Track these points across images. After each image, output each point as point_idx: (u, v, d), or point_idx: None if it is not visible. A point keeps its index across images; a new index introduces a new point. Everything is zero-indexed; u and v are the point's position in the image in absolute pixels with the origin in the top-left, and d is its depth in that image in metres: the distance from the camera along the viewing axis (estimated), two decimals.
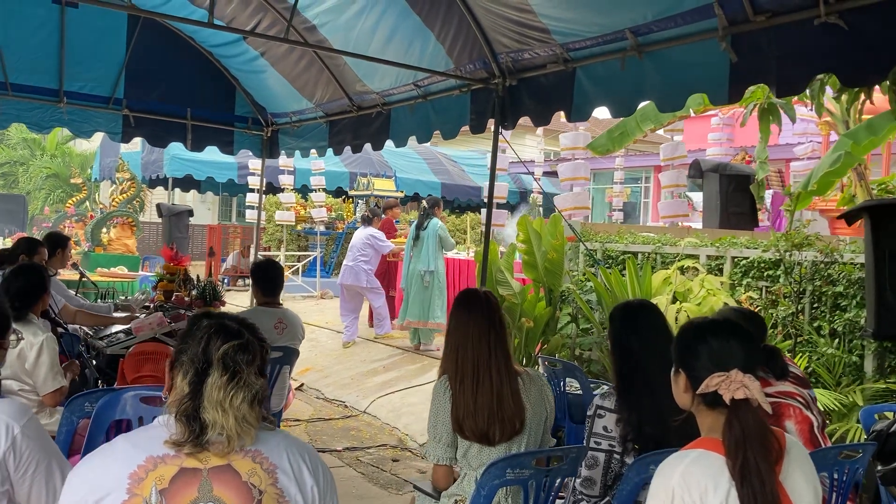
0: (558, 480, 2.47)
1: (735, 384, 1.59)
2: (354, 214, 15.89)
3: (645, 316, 2.66)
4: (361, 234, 9.60)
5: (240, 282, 14.85)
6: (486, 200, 12.59)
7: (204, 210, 25.15)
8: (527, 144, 22.32)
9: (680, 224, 8.96)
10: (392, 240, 10.13)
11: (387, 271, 10.10)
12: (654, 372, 2.49)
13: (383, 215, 10.24)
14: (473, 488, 2.44)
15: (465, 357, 2.68)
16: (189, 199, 23.00)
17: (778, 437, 1.62)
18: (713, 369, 1.67)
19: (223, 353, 1.57)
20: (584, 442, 2.60)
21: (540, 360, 5.32)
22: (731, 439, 1.58)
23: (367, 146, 6.05)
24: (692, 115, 8.43)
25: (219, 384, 1.55)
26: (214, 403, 1.54)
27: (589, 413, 2.62)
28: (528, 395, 2.70)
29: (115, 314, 5.41)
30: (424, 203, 9.25)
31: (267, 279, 4.67)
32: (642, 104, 4.24)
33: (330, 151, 6.86)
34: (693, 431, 1.95)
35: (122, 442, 1.59)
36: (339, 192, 17.39)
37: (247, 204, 14.27)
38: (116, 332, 4.79)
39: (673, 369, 1.82)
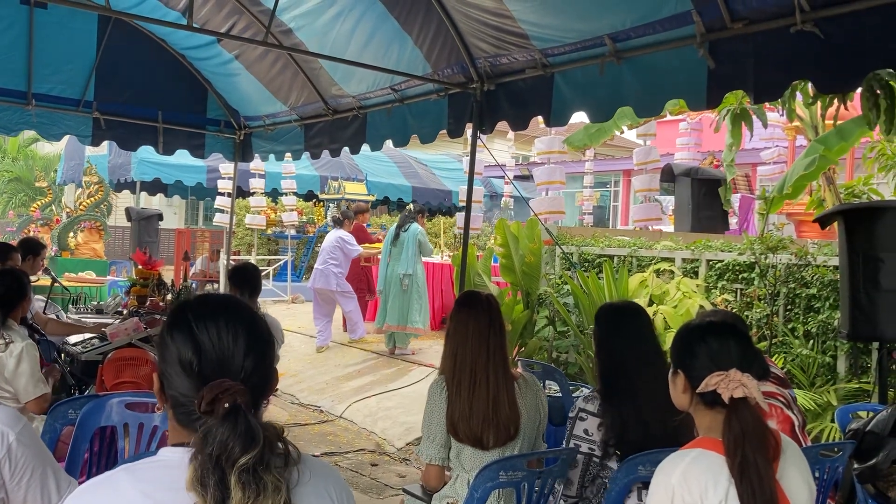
0: (549, 482, 2.51)
1: (734, 383, 1.63)
2: (325, 218, 15.84)
3: (631, 318, 2.69)
4: (332, 236, 9.58)
5: (208, 286, 14.69)
6: (458, 204, 12.68)
7: (170, 214, 24.87)
8: (496, 149, 22.39)
9: (651, 228, 9.08)
10: (364, 244, 10.10)
11: (362, 275, 10.09)
12: (638, 375, 2.53)
13: (354, 219, 10.23)
14: (466, 491, 2.46)
15: (463, 359, 2.70)
16: (156, 202, 22.69)
17: (775, 436, 1.66)
18: (712, 369, 1.71)
19: (240, 472, 1.24)
20: (565, 443, 2.63)
21: (519, 362, 5.36)
22: (730, 437, 1.62)
23: (345, 151, 6.04)
24: (668, 116, 8.54)
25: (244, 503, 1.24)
26: None
27: (571, 415, 2.65)
28: (523, 401, 2.73)
29: (91, 319, 5.34)
30: (410, 207, 9.29)
31: (246, 282, 4.64)
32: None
33: (304, 156, 6.85)
34: (679, 437, 2.00)
35: (129, 489, 1.27)
36: (309, 196, 17.31)
37: (215, 207, 14.14)
38: (91, 338, 4.73)
39: (671, 370, 1.86)
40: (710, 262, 6.23)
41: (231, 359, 1.34)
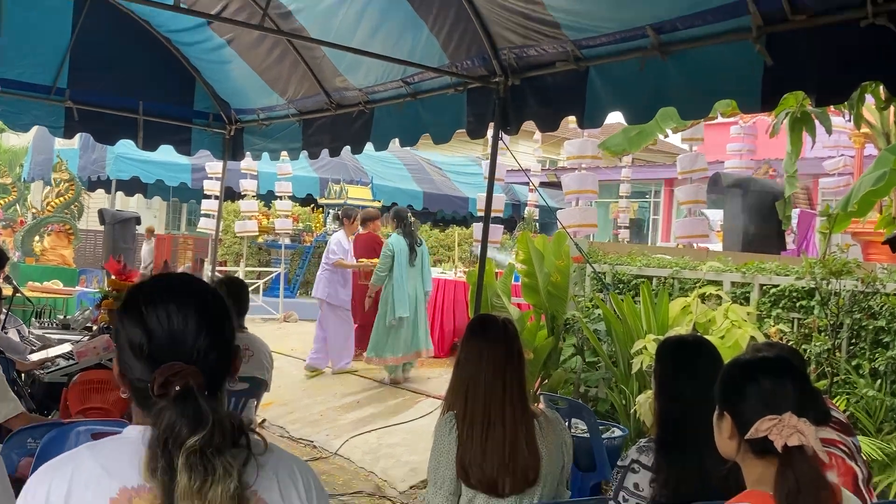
0: None
1: (788, 429, 1.61)
2: (324, 226, 15.91)
3: (701, 356, 2.66)
4: (332, 237, 9.85)
5: None
6: (476, 213, 12.70)
7: (150, 217, 25.03)
8: (520, 151, 22.45)
9: (697, 246, 9.05)
10: (374, 260, 10.05)
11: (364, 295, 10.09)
12: (705, 425, 2.50)
13: (360, 228, 10.23)
14: None
15: (475, 394, 2.70)
16: (133, 204, 22.88)
17: (834, 491, 1.64)
18: (763, 412, 1.69)
19: (189, 454, 1.39)
20: (613, 496, 2.60)
21: (541, 397, 5.34)
22: (782, 492, 1.60)
23: (346, 149, 6.07)
24: (719, 119, 8.53)
25: (190, 493, 1.38)
26: None
27: (621, 463, 2.62)
28: (544, 442, 2.71)
29: (56, 336, 5.36)
30: (400, 213, 9.22)
31: (232, 299, 4.64)
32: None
33: (302, 155, 6.88)
34: (731, 490, 1.97)
35: (90, 461, 1.45)
36: (307, 200, 17.41)
37: (201, 211, 14.23)
38: (55, 357, 4.75)
39: (716, 412, 1.85)
40: (764, 287, 6.19)
41: (183, 340, 1.49)
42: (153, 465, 1.41)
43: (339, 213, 10.22)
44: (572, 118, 4.58)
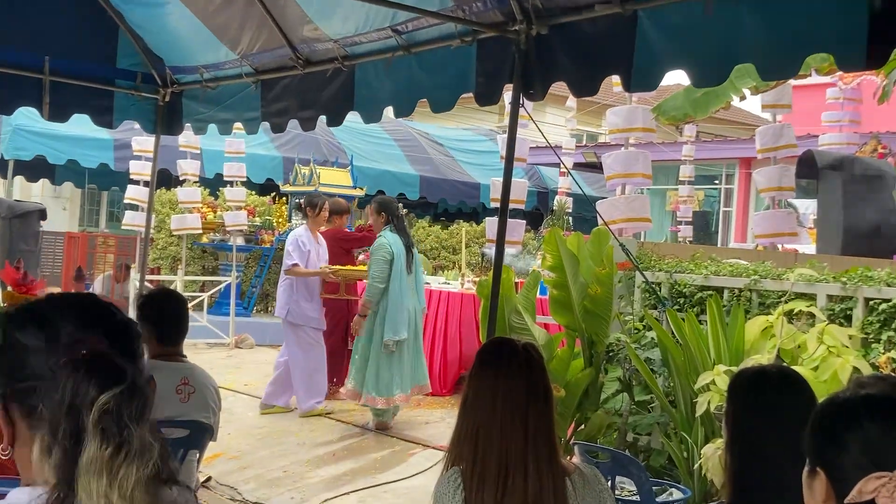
0: None
1: None
2: (289, 221, 15.92)
3: (791, 396, 2.67)
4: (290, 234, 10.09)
5: None
6: (490, 204, 12.65)
7: (58, 210, 25.12)
8: (548, 123, 22.48)
9: (782, 247, 9.04)
10: (345, 264, 10.05)
11: (343, 311, 10.07)
12: (792, 485, 2.49)
13: (327, 220, 10.21)
14: None
15: (488, 444, 2.70)
16: (36, 192, 22.89)
17: None
18: (869, 468, 1.69)
19: (101, 412, 1.51)
20: None
21: (575, 448, 5.33)
22: None
23: (322, 121, 6.07)
24: (813, 78, 8.52)
25: (99, 463, 1.49)
26: (96, 497, 1.49)
27: None
28: None
29: None
30: (388, 204, 9.20)
31: (164, 319, 4.68)
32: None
33: (262, 128, 6.88)
34: None
35: None
36: (267, 188, 17.45)
37: (126, 201, 14.25)
38: None
39: (806, 468, 1.84)
40: (871, 303, 6.18)
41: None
42: (50, 447, 1.52)
43: (302, 201, 10.23)
44: (616, 78, 4.57)
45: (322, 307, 9.69)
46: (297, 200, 15.39)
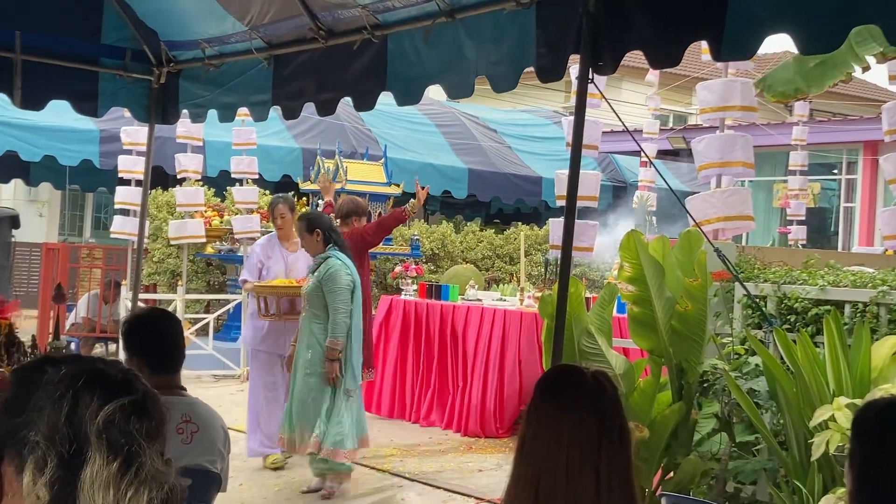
0: None
1: None
2: None
3: None
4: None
5: (98, 347, 14.91)
6: (555, 203, 12.59)
7: (33, 216, 25.43)
8: (624, 101, 22.43)
9: None
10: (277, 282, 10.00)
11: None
12: None
13: (338, 223, 10.23)
14: None
15: (552, 495, 2.69)
16: (7, 195, 23.17)
17: None
18: None
19: (106, 421, 1.57)
20: None
21: (663, 501, 5.30)
22: None
23: (345, 103, 6.09)
24: None
25: (105, 477, 1.53)
26: None
27: None
28: None
29: None
30: (320, 221, 8.87)
31: (156, 345, 4.70)
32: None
33: (272, 113, 6.92)
34: None
35: None
36: (284, 186, 17.49)
37: (115, 206, 14.37)
38: None
39: None
40: None
41: None
42: (43, 462, 1.58)
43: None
44: (706, 44, 4.55)
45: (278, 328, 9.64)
46: (319, 202, 15.44)
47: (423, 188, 10.27)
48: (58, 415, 1.58)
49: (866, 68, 8.61)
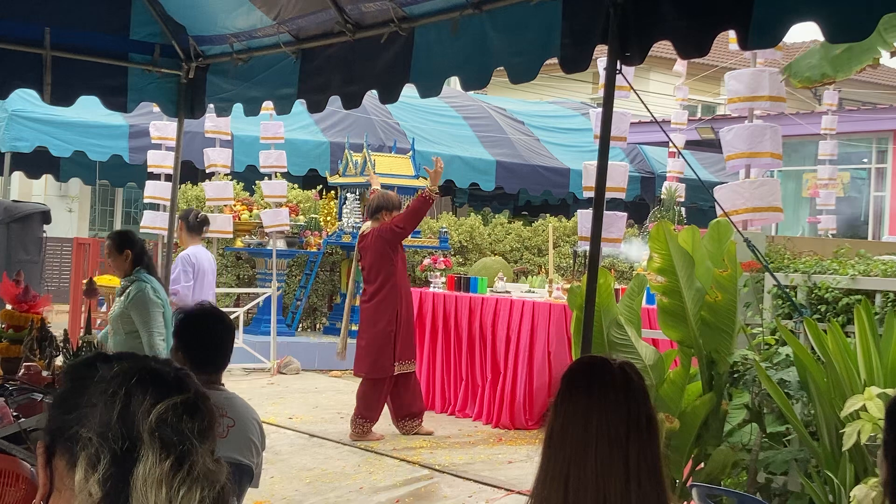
0: None
1: None
2: (339, 219, 15.98)
3: None
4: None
5: None
6: (582, 194, 12.59)
7: (64, 211, 25.51)
8: (652, 92, 22.34)
9: None
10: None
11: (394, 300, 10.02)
12: None
13: (370, 222, 10.23)
14: None
15: (581, 487, 2.67)
16: (38, 190, 23.25)
17: None
18: None
19: (159, 419, 1.61)
20: None
21: (694, 492, 5.29)
22: None
23: (371, 96, 6.10)
24: None
25: (157, 475, 1.57)
26: None
27: None
28: None
29: None
30: (125, 240, 8.22)
31: (201, 342, 4.73)
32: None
33: (299, 107, 6.92)
34: None
35: None
36: (311, 180, 17.49)
37: (145, 200, 14.42)
38: None
39: None
40: None
41: None
42: (97, 456, 1.62)
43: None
44: (733, 33, 4.53)
45: None
46: (348, 195, 15.44)
47: (435, 159, 10.23)
48: (111, 412, 1.62)
49: (895, 53, 8.56)
